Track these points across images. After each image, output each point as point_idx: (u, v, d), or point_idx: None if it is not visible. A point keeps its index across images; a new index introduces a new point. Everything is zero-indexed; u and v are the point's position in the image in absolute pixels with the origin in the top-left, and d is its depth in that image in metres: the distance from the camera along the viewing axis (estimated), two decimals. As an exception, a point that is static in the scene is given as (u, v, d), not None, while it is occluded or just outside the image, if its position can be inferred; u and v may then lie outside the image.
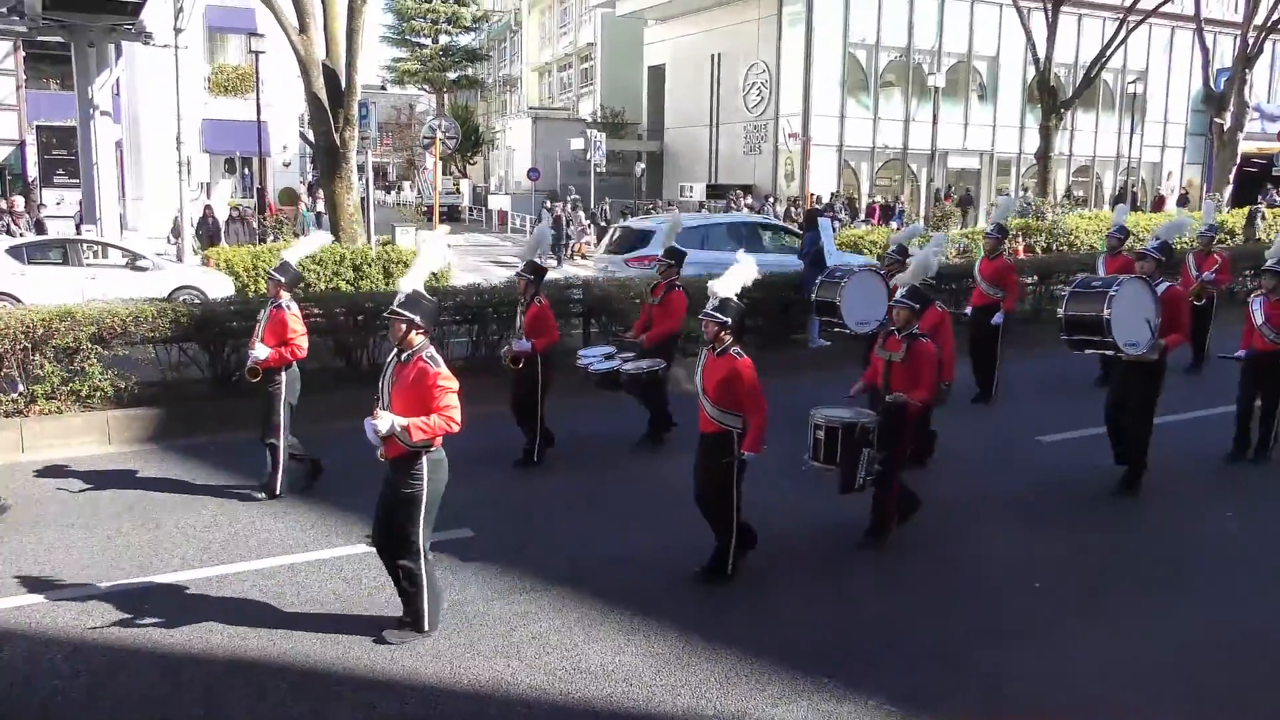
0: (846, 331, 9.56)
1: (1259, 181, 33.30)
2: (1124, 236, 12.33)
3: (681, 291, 9.24)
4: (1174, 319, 7.88)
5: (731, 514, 6.30)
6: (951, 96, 37.57)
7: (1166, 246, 8.36)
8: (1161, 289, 7.87)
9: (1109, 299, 7.46)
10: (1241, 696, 5.23)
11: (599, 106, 46.67)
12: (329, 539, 7.10)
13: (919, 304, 7.04)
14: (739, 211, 28.90)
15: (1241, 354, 8.83)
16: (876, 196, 35.57)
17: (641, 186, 40.72)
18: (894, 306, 7.11)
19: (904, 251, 9.46)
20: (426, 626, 5.64)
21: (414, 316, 5.46)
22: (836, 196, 33.48)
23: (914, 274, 7.36)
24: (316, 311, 11.14)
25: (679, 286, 9.29)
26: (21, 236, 18.13)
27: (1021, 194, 34.38)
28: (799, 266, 13.10)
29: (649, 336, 9.16)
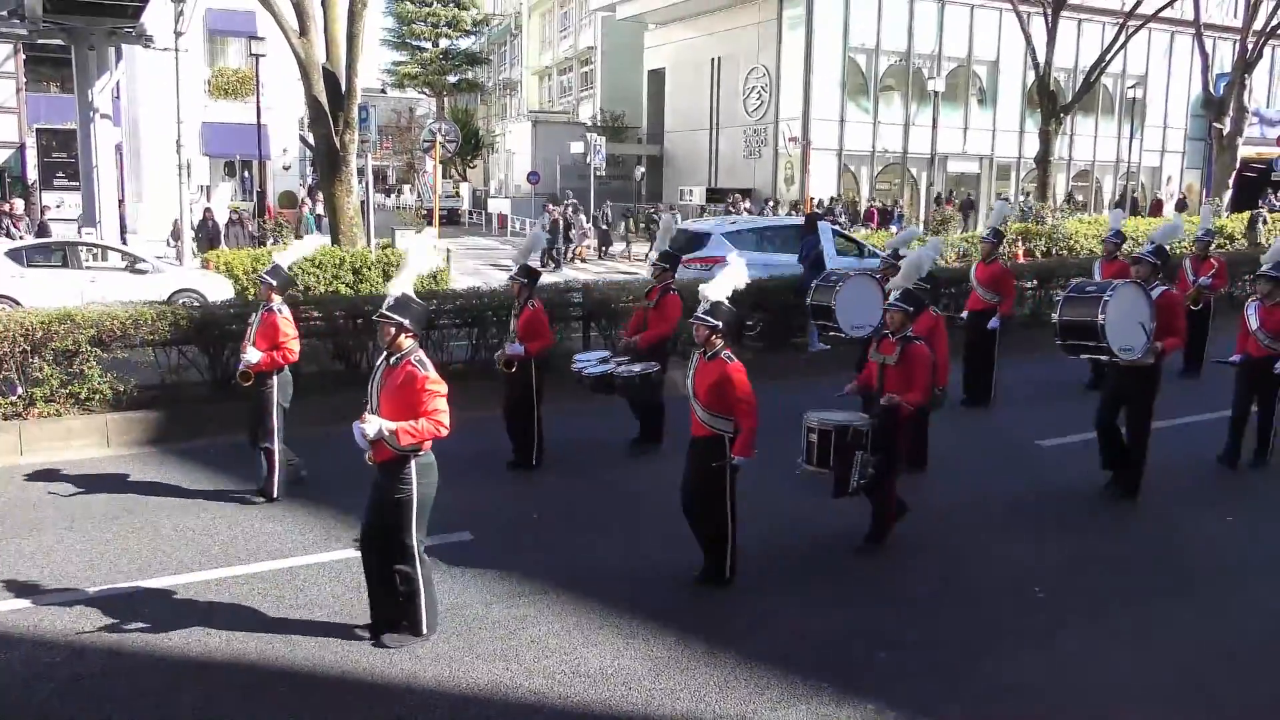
0: (842, 335, 9.56)
1: (1258, 186, 33.36)
2: (1120, 241, 12.33)
3: (677, 295, 9.22)
4: (1169, 323, 7.88)
5: (727, 518, 6.29)
6: (951, 101, 37.60)
7: (1161, 250, 8.36)
8: (1156, 293, 7.86)
9: (1103, 304, 7.45)
10: (1253, 707, 5.21)
11: (599, 110, 46.71)
12: (327, 542, 7.10)
13: (912, 307, 7.04)
14: (739, 216, 28.97)
15: (1236, 359, 8.85)
16: (875, 200, 35.57)
17: (641, 190, 40.73)
18: (887, 309, 7.11)
19: (899, 255, 9.47)
20: (425, 630, 5.64)
21: (403, 320, 5.45)
22: (837, 201, 33.47)
23: (906, 275, 7.36)
24: (316, 314, 11.16)
25: (674, 290, 9.28)
26: (21, 239, 18.12)
27: (1022, 198, 34.43)
28: (849, 263, 13.10)
29: (643, 339, 9.13)
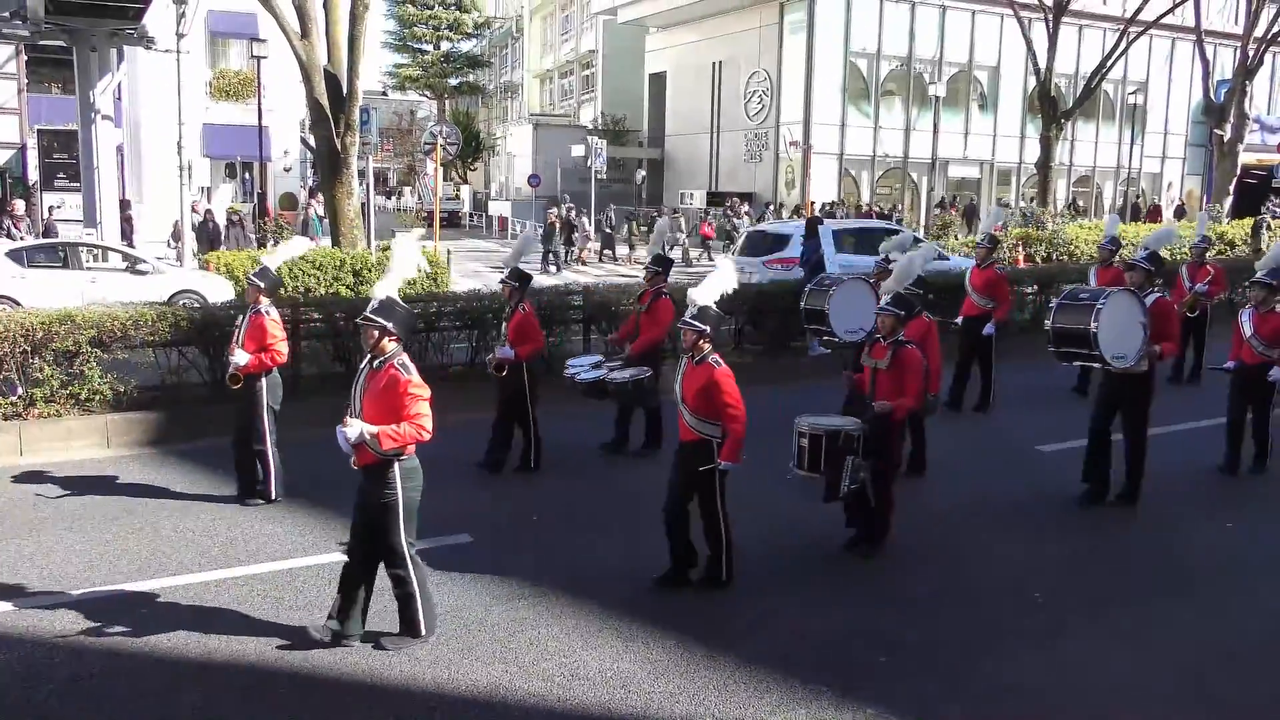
0: (836, 340, 9.56)
1: (1259, 193, 33.34)
2: (1115, 248, 12.30)
3: (669, 299, 9.17)
4: (1163, 330, 7.88)
5: (719, 521, 6.29)
6: (952, 106, 37.62)
7: (1155, 257, 8.35)
8: (1150, 300, 7.86)
9: (1096, 312, 7.42)
10: (1253, 707, 5.22)
11: (600, 113, 46.75)
12: (326, 544, 7.08)
13: (904, 311, 7.03)
14: (741, 219, 29.05)
15: (1230, 365, 8.86)
16: (876, 204, 35.55)
17: (642, 194, 40.75)
18: (879, 314, 7.10)
19: (890, 259, 9.45)
20: (423, 631, 5.63)
21: (386, 323, 5.45)
22: (838, 205, 33.47)
23: (897, 279, 7.35)
24: (316, 316, 11.17)
25: (666, 294, 9.24)
26: (21, 240, 18.12)
27: (1023, 204, 34.42)
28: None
29: (635, 345, 9.11)
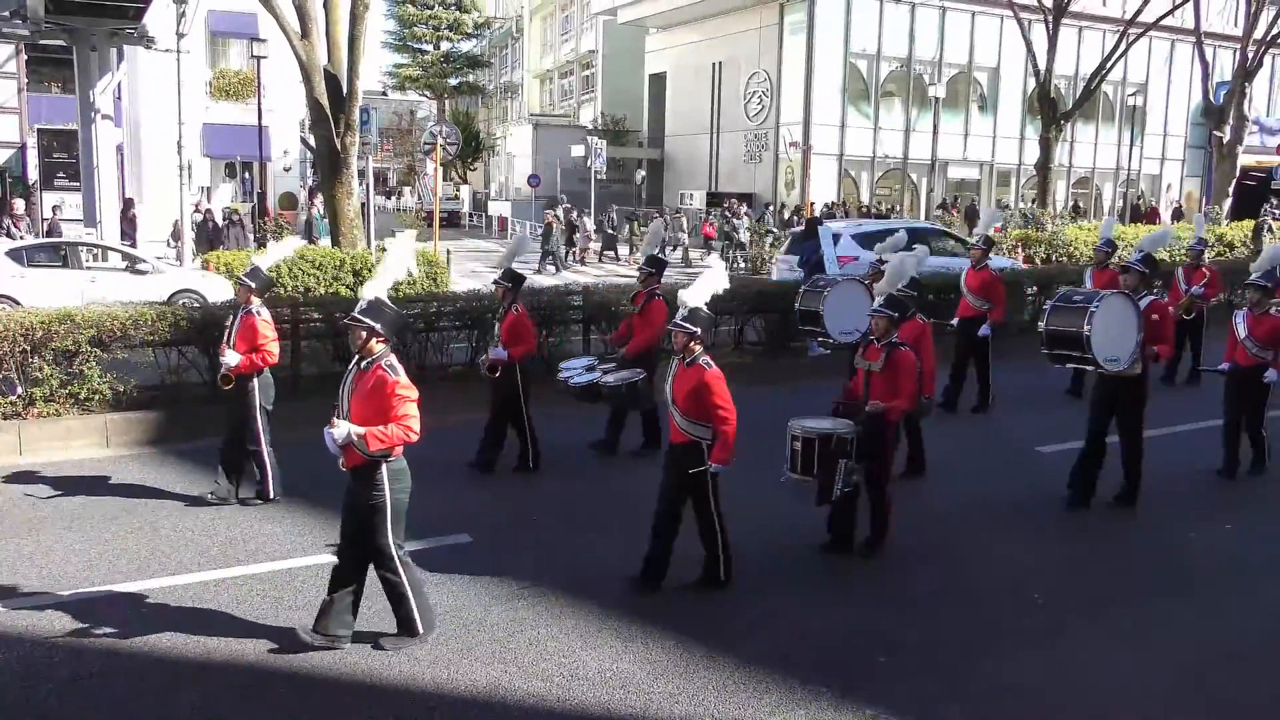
0: (832, 341, 9.56)
1: (1258, 195, 33.36)
2: (1111, 250, 12.31)
3: (662, 300, 9.12)
4: (1158, 332, 7.87)
5: (714, 522, 6.28)
6: (952, 107, 37.66)
7: (1150, 259, 8.35)
8: (1144, 303, 7.85)
9: (1089, 314, 7.39)
10: (1253, 707, 5.22)
11: (600, 113, 46.77)
12: (325, 544, 7.08)
13: (897, 312, 7.02)
14: (741, 219, 29.04)
15: (1224, 367, 8.87)
16: (873, 205, 35.56)
17: (642, 194, 40.77)
18: (872, 315, 7.07)
19: (884, 261, 9.45)
20: (420, 629, 5.62)
21: (374, 324, 5.44)
22: (837, 206, 33.48)
23: (890, 281, 7.32)
24: (316, 316, 11.16)
25: (659, 295, 9.22)
26: (21, 239, 18.11)
27: (1023, 205, 34.41)
28: (964, 267, 12.95)
29: (629, 347, 9.08)
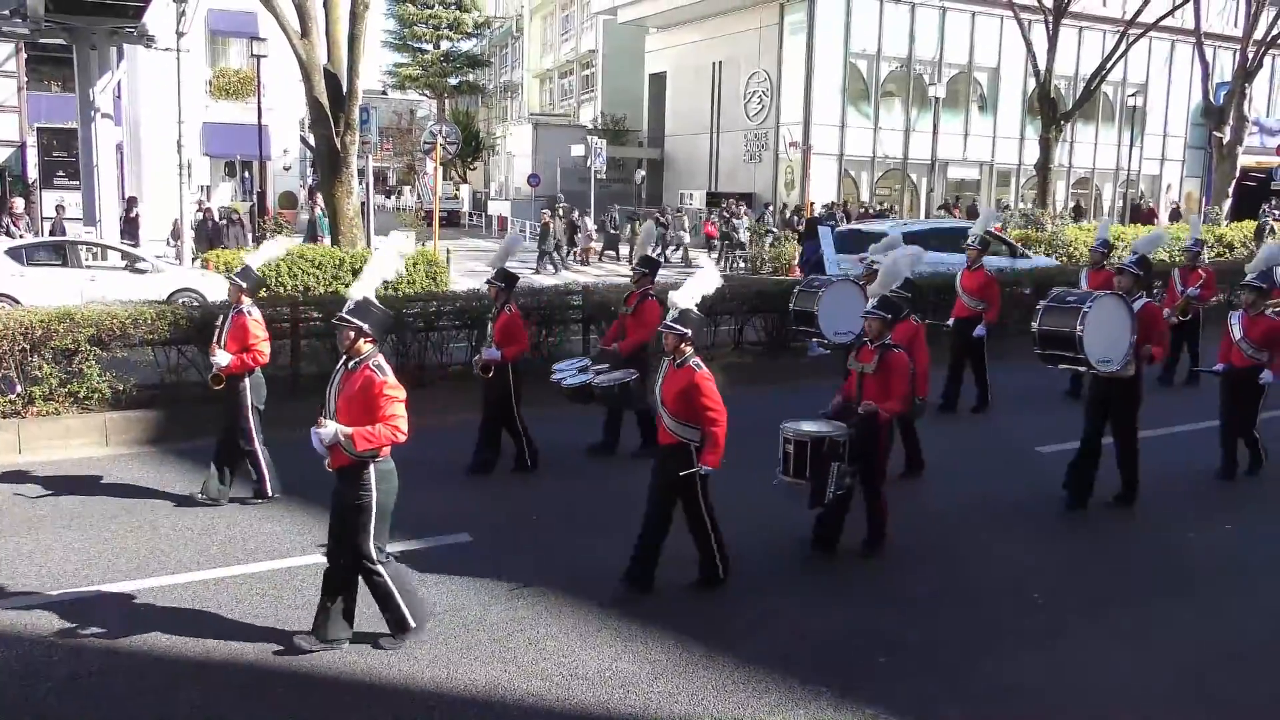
0: (825, 341, 9.55)
1: (1258, 195, 33.38)
2: (1106, 251, 12.31)
3: (655, 300, 9.06)
4: (1152, 334, 7.87)
5: (705, 523, 6.29)
6: (952, 107, 37.62)
7: (1144, 260, 8.35)
8: (1138, 305, 7.83)
9: (1082, 315, 7.38)
10: (1253, 707, 5.22)
11: (600, 113, 46.74)
12: (316, 545, 7.06)
13: (891, 314, 6.99)
14: (741, 220, 29.04)
15: (1219, 368, 8.87)
16: (874, 205, 35.55)
17: (642, 194, 40.73)
18: (865, 317, 7.05)
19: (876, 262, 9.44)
20: (412, 624, 5.59)
21: (362, 324, 5.44)
22: (837, 206, 33.47)
23: (883, 282, 7.29)
24: (316, 315, 11.16)
25: (653, 295, 9.19)
26: (21, 238, 18.11)
27: (1022, 205, 34.42)
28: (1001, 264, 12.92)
29: (623, 347, 9.06)
